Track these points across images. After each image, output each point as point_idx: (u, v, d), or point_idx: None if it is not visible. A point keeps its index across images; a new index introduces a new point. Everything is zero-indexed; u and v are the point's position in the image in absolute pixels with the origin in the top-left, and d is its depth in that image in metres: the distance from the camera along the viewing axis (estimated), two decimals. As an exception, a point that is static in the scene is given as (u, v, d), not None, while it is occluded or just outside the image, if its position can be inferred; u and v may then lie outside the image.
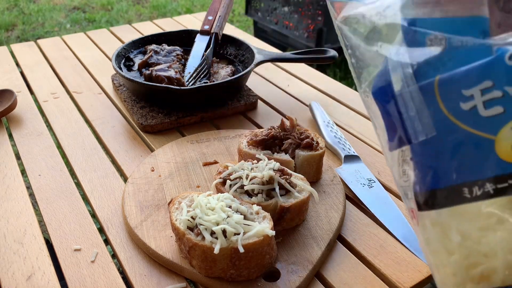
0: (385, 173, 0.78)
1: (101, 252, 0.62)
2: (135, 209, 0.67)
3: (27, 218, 0.67)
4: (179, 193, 0.69)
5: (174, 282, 0.58)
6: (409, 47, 0.36)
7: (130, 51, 1.07)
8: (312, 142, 0.72)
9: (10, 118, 0.94)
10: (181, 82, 0.92)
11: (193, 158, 0.79)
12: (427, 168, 0.37)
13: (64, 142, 0.86)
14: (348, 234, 0.65)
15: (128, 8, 4.00)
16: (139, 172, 0.75)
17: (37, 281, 0.57)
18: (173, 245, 0.61)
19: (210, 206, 0.57)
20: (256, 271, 0.56)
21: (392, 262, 0.61)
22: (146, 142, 0.86)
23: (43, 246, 0.63)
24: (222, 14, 1.12)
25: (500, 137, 0.34)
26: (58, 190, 0.73)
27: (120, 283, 0.57)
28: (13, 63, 1.19)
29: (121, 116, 0.95)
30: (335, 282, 0.58)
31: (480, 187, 0.34)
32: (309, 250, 0.61)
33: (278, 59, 1.04)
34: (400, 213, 0.69)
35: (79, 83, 1.09)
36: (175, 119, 0.90)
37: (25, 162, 0.80)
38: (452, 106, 0.35)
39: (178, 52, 1.05)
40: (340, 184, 0.73)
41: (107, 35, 1.38)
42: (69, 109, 0.97)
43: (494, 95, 0.34)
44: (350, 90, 1.08)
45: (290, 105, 1.01)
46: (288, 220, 0.63)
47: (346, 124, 0.94)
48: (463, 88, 0.34)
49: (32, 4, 3.98)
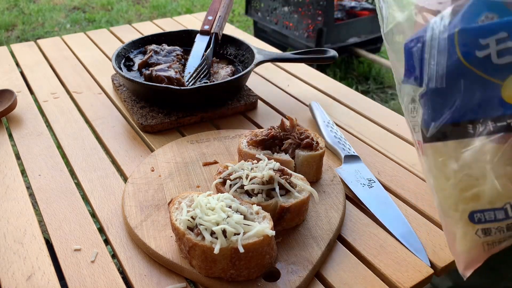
0: (385, 173, 0.78)
1: (101, 252, 0.62)
2: (135, 209, 0.67)
3: (27, 218, 0.67)
4: (179, 193, 0.69)
5: (174, 282, 0.58)
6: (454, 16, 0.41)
7: (130, 51, 1.07)
8: (312, 142, 0.72)
9: (10, 118, 0.94)
10: (181, 82, 0.92)
11: (193, 158, 0.79)
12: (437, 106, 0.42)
13: (64, 142, 0.86)
14: (348, 234, 0.65)
15: (128, 8, 4.00)
16: (139, 172, 0.75)
17: (37, 281, 0.57)
18: (173, 245, 0.61)
19: (210, 206, 0.57)
20: (256, 271, 0.56)
21: (392, 262, 0.61)
22: (146, 142, 0.86)
23: (43, 246, 0.63)
24: (222, 14, 1.12)
25: (507, 83, 0.39)
26: (58, 190, 0.73)
27: (120, 283, 0.57)
28: (13, 63, 1.19)
29: (121, 116, 0.95)
30: (335, 282, 0.58)
31: (483, 124, 0.39)
32: (309, 250, 0.61)
33: (278, 59, 1.04)
34: (400, 213, 0.69)
35: (79, 83, 1.09)
36: (175, 119, 0.90)
37: (25, 162, 0.80)
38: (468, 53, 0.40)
39: (178, 52, 1.05)
40: (340, 184, 0.73)
41: (107, 35, 1.38)
42: (69, 109, 0.97)
43: (507, 45, 0.38)
44: (350, 90, 1.08)
45: (290, 105, 1.01)
46: (288, 220, 0.63)
47: (346, 124, 0.94)
48: (480, 37, 0.39)
49: (32, 4, 3.98)
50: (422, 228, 0.66)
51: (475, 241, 0.43)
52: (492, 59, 0.39)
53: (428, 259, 0.61)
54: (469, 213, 0.43)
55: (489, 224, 0.42)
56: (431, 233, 0.65)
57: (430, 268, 0.60)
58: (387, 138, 0.89)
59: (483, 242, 0.43)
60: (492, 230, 0.42)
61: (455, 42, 0.41)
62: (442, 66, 0.42)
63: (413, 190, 0.74)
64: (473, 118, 0.40)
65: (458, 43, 0.41)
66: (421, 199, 0.72)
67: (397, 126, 0.92)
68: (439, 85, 0.42)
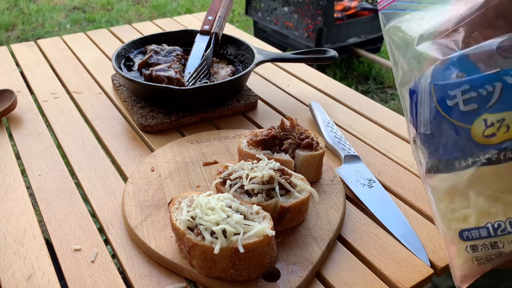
0: (385, 173, 0.78)
1: (101, 252, 0.62)
2: (135, 209, 0.67)
3: (27, 218, 0.67)
4: (179, 193, 0.69)
5: (174, 282, 0.58)
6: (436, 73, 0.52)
7: (130, 51, 1.07)
8: (312, 142, 0.72)
9: (10, 118, 0.94)
10: (181, 82, 0.92)
11: (193, 158, 0.79)
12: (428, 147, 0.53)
13: (64, 142, 0.86)
14: (348, 234, 0.65)
15: (128, 8, 4.00)
16: (139, 172, 0.75)
17: (37, 281, 0.57)
18: (173, 245, 0.61)
19: (210, 206, 0.57)
20: (256, 271, 0.56)
21: (392, 262, 0.61)
22: (146, 142, 0.86)
23: (43, 246, 0.63)
24: (222, 14, 1.12)
25: (474, 126, 0.48)
26: (58, 190, 0.73)
27: (120, 283, 0.57)
28: (13, 63, 1.19)
29: (121, 116, 0.95)
30: (335, 282, 0.58)
31: (464, 161, 0.49)
32: (309, 250, 0.61)
33: (278, 59, 1.04)
34: (400, 213, 0.69)
35: (79, 83, 1.09)
36: (175, 119, 0.90)
37: (25, 162, 0.80)
38: (442, 102, 0.51)
39: (178, 52, 1.05)
40: (340, 184, 0.73)
41: (107, 35, 1.38)
42: (69, 109, 0.97)
43: (471, 95, 0.48)
44: (350, 90, 1.08)
45: (290, 105, 1.01)
46: (288, 220, 0.63)
47: (346, 124, 0.94)
48: (449, 89, 0.50)
49: (32, 4, 3.98)
50: (422, 228, 0.66)
51: (466, 256, 0.50)
52: (460, 107, 0.49)
53: (428, 259, 0.61)
54: (459, 231, 0.50)
55: (476, 241, 0.49)
56: (431, 233, 0.65)
57: (430, 268, 0.60)
58: (387, 138, 0.89)
59: (472, 258, 0.49)
60: (478, 246, 0.48)
61: (432, 93, 0.51)
62: (427, 115, 0.53)
63: (413, 190, 0.74)
64: (455, 157, 0.50)
65: (434, 94, 0.51)
66: (421, 199, 0.72)
67: (397, 126, 0.92)
68: (427, 131, 0.53)
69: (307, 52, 1.04)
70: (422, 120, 0.53)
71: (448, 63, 0.51)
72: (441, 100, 0.50)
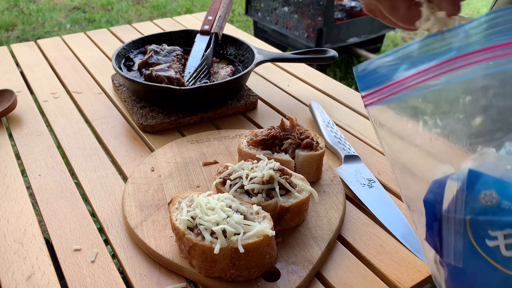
0: (385, 173, 0.78)
1: (101, 252, 0.62)
2: (135, 209, 0.67)
3: (27, 218, 0.67)
4: (179, 193, 0.69)
5: (174, 282, 0.58)
6: None
7: (130, 51, 1.07)
8: (312, 142, 0.72)
9: (10, 118, 0.94)
10: (181, 82, 0.92)
11: (193, 158, 0.79)
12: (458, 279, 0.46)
13: (64, 142, 0.86)
14: (348, 234, 0.65)
15: (128, 8, 4.00)
16: (139, 172, 0.75)
17: (37, 281, 0.57)
18: (173, 245, 0.61)
19: (210, 206, 0.57)
20: (256, 271, 0.56)
21: (392, 262, 0.61)
22: (146, 142, 0.86)
23: (43, 246, 0.63)
24: (222, 14, 1.12)
25: None
26: (58, 190, 0.73)
27: (120, 283, 0.57)
28: (13, 63, 1.19)
29: (121, 116, 0.95)
30: (335, 282, 0.58)
31: None
32: (309, 250, 0.61)
33: (278, 59, 1.04)
34: (400, 213, 0.69)
35: (79, 83, 1.09)
36: (175, 119, 0.90)
37: (25, 162, 0.80)
38: (480, 241, 0.43)
39: (178, 52, 1.05)
40: (340, 184, 0.73)
41: (107, 35, 1.38)
42: (69, 109, 0.97)
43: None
44: (350, 90, 1.08)
45: (290, 105, 1.01)
46: (288, 220, 0.63)
47: (346, 124, 0.94)
48: (489, 228, 0.42)
49: (32, 4, 3.98)
50: (422, 228, 0.66)
51: None
52: (501, 251, 0.42)
53: (428, 259, 0.61)
54: None
55: None
56: (431, 233, 0.65)
57: (430, 268, 0.60)
58: (387, 138, 0.89)
59: None
60: None
61: (467, 228, 0.43)
62: (459, 248, 0.44)
63: (413, 190, 0.74)
64: None
65: (469, 229, 0.43)
66: (421, 199, 0.72)
67: (397, 126, 0.92)
68: (458, 264, 0.45)
69: (307, 52, 1.05)
70: (452, 251, 0.45)
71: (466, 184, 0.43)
72: (479, 238, 0.43)
